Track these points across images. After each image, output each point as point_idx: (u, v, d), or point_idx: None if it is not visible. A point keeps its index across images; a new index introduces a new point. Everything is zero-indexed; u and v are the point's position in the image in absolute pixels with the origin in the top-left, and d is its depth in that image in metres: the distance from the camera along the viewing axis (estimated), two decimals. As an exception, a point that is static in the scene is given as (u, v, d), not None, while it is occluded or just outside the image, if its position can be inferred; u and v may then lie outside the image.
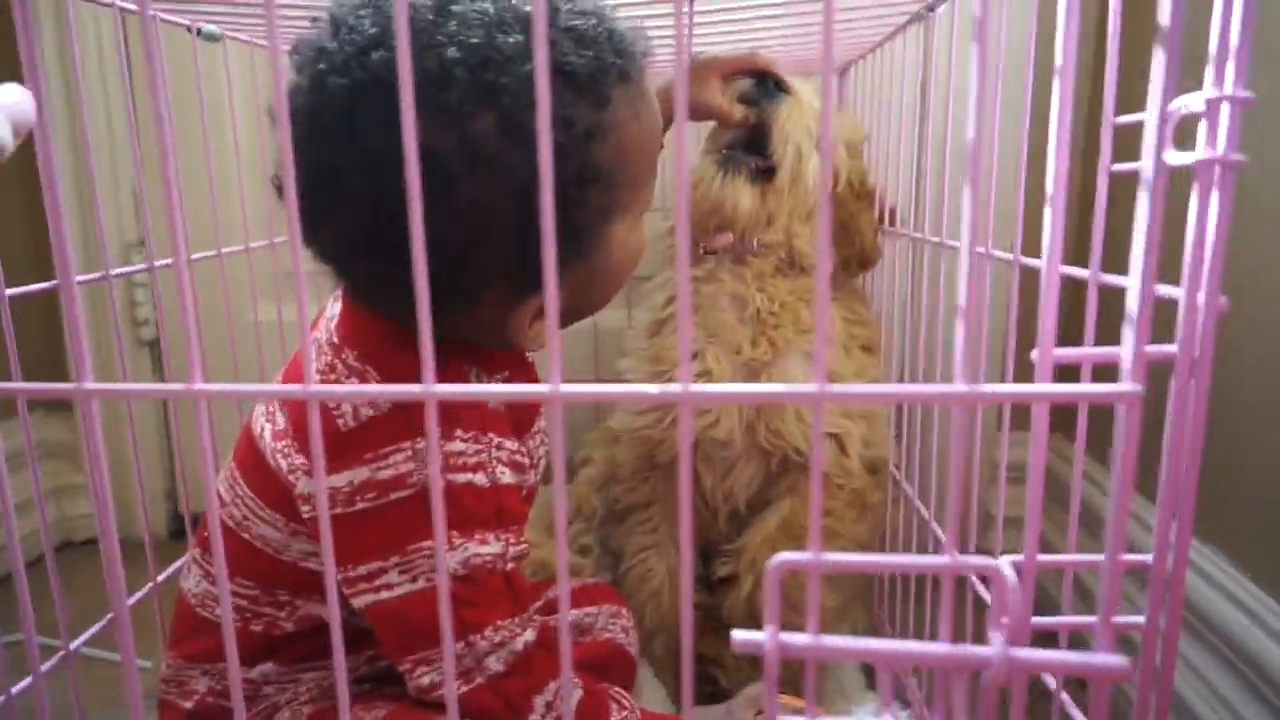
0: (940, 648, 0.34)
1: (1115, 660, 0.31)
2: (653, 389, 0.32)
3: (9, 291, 0.52)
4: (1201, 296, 0.37)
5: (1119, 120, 0.44)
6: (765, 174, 0.84)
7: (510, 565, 0.57)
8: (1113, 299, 0.41)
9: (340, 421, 0.53)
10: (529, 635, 0.57)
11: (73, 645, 0.56)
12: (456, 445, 0.54)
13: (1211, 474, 0.82)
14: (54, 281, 0.58)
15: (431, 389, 0.34)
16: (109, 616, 0.60)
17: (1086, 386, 0.32)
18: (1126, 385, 0.33)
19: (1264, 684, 0.74)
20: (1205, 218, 0.36)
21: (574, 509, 1.04)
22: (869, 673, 0.87)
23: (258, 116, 0.78)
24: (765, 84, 0.83)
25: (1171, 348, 0.37)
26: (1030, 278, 0.54)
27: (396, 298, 0.50)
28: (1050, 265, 0.34)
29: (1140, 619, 0.38)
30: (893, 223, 0.91)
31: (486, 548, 0.55)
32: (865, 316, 0.94)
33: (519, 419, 0.62)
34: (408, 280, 0.31)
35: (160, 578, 0.67)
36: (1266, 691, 0.74)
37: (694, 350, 0.87)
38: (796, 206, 0.85)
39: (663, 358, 0.88)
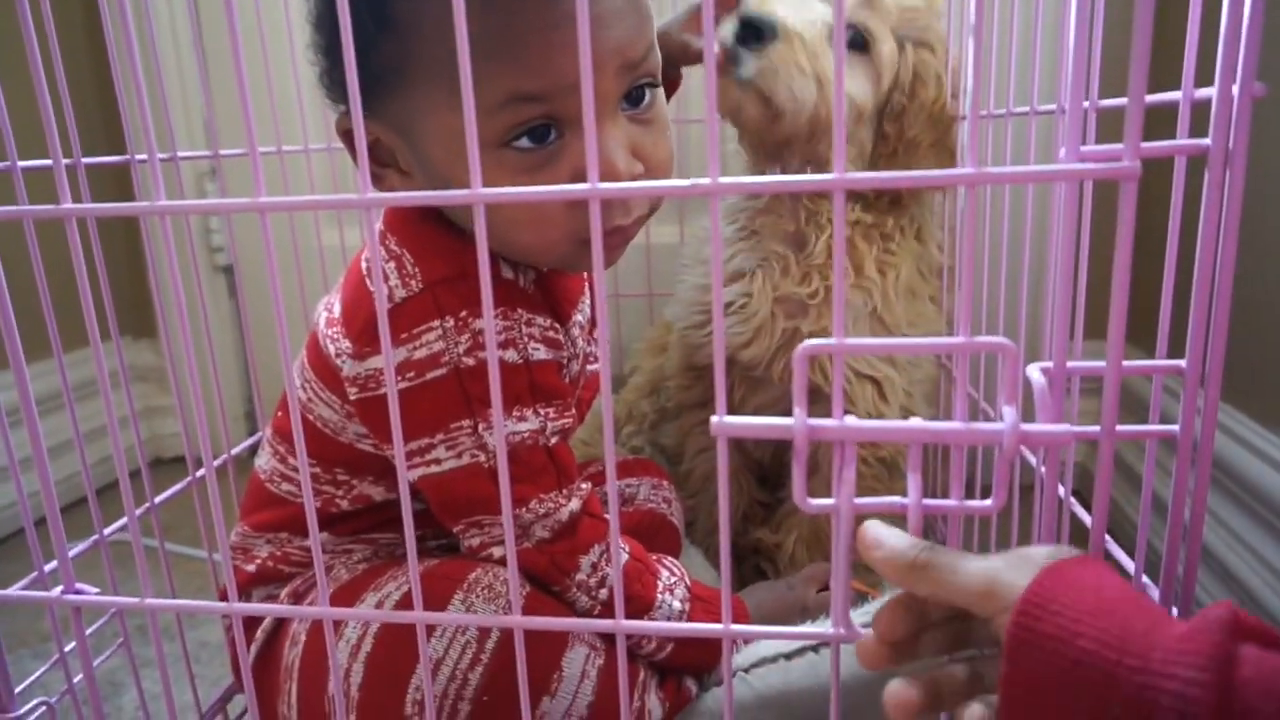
0: (956, 425, 0.35)
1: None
2: (567, 187, 0.36)
3: (85, 161, 0.56)
4: (1235, 89, 0.37)
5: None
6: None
7: (554, 440, 0.58)
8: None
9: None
10: (574, 505, 0.58)
11: (156, 500, 0.62)
12: (483, 322, 0.54)
13: (1241, 342, 0.79)
14: (125, 157, 0.62)
15: (479, 191, 0.36)
16: (190, 478, 0.65)
17: (1084, 165, 0.33)
18: (1125, 162, 0.33)
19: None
20: (1240, 7, 0.36)
21: (624, 414, 1.07)
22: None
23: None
24: (749, 28, 0.75)
25: (1206, 140, 0.37)
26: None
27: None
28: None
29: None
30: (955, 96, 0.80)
31: (524, 424, 0.56)
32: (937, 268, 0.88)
33: (556, 309, 0.62)
34: None
35: (234, 450, 0.72)
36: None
37: (746, 271, 0.84)
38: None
39: (708, 262, 0.88)
